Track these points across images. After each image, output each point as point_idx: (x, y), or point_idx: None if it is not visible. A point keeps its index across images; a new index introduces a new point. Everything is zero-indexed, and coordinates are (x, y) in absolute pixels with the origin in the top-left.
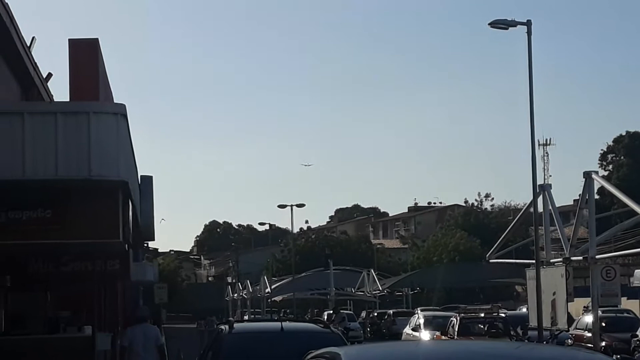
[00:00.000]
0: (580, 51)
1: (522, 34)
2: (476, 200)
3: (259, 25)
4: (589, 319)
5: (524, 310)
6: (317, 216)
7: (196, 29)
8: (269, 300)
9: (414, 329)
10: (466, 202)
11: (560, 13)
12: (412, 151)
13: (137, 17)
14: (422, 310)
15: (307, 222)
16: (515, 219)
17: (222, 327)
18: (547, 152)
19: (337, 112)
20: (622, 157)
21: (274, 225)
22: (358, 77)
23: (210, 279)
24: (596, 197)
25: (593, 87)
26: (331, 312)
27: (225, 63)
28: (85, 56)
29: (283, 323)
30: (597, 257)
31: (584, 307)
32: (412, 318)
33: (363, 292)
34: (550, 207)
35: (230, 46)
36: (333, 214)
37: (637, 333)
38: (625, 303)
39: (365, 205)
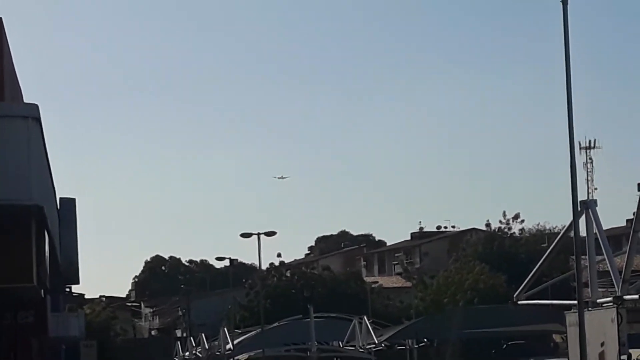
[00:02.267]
0: (630, 33)
1: (556, 9)
2: (501, 222)
3: (217, 11)
4: None
5: None
6: (293, 247)
7: (144, 14)
8: None
9: None
10: (488, 225)
11: None
12: (416, 162)
13: None
14: None
15: (279, 255)
16: (551, 247)
17: None
18: (590, 158)
19: (318, 113)
20: None
21: (236, 260)
22: (346, 66)
23: (153, 332)
24: None
25: None
26: None
27: (173, 56)
28: None
29: None
30: None
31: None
32: None
33: (354, 346)
34: (596, 230)
35: (180, 36)
36: (313, 244)
37: None
38: None
39: (355, 232)
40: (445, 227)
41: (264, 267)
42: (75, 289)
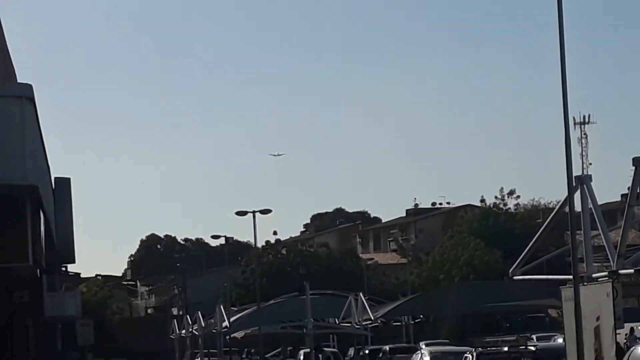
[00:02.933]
0: (625, 9)
1: None
2: (496, 198)
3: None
4: None
5: (560, 341)
6: (288, 225)
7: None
8: (228, 337)
9: None
10: (483, 201)
11: None
12: (411, 137)
13: None
14: (427, 345)
15: (275, 233)
16: (546, 222)
17: None
18: (585, 133)
19: (312, 88)
20: None
21: (232, 238)
22: (341, 38)
23: (149, 311)
24: None
25: None
26: (308, 350)
27: (167, 34)
28: None
29: None
30: None
31: (626, 334)
32: (414, 355)
33: (350, 323)
34: (591, 206)
35: (174, 14)
36: (309, 221)
37: None
38: None
39: (350, 209)
40: (440, 204)
41: (259, 244)
42: (71, 268)
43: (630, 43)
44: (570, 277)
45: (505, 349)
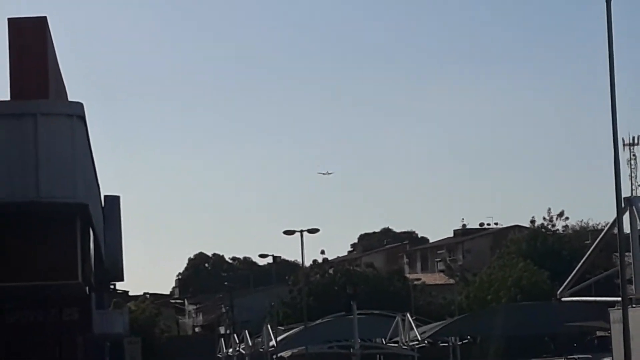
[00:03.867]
0: None
1: (599, 5)
2: (545, 219)
3: (266, 20)
4: None
5: None
6: (336, 245)
7: (187, 15)
8: (275, 357)
9: None
10: (532, 222)
11: None
12: (459, 159)
13: None
14: None
15: (322, 252)
16: (595, 244)
17: None
18: (634, 155)
19: (361, 111)
20: None
21: (279, 257)
22: (388, 62)
23: (197, 329)
24: None
25: None
26: None
27: (219, 58)
28: (30, 40)
29: None
30: None
31: None
32: None
33: (397, 343)
34: None
35: (227, 41)
36: (356, 241)
37: None
38: None
39: (398, 229)
40: (489, 224)
41: (307, 264)
42: (120, 286)
43: None
44: (619, 299)
45: None
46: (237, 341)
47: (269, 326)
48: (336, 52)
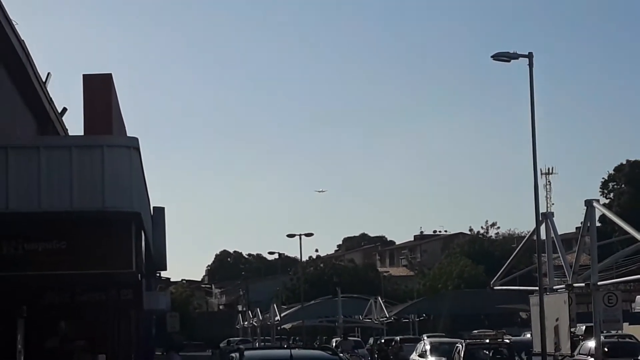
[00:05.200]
0: (581, 82)
1: (524, 66)
2: (482, 228)
3: (270, 60)
4: (591, 344)
5: (528, 336)
6: (326, 245)
7: (209, 62)
8: (279, 328)
9: (420, 355)
10: (471, 230)
11: (560, 47)
12: (418, 181)
13: (149, 50)
14: (428, 337)
15: (316, 250)
16: (519, 247)
17: (233, 354)
18: (549, 181)
19: (345, 145)
20: (622, 186)
21: (283, 254)
22: (365, 110)
23: (221, 307)
24: (598, 224)
25: (594, 117)
26: (339, 338)
27: (237, 95)
28: (99, 91)
29: (292, 350)
30: (599, 283)
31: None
32: (418, 345)
33: (370, 319)
34: (553, 235)
35: (241, 80)
36: (341, 242)
37: (639, 358)
38: (627, 328)
39: (372, 234)
40: (440, 231)
41: (304, 259)
42: (164, 274)
43: (586, 113)
44: (537, 288)
45: (487, 341)
46: (251, 316)
47: (275, 305)
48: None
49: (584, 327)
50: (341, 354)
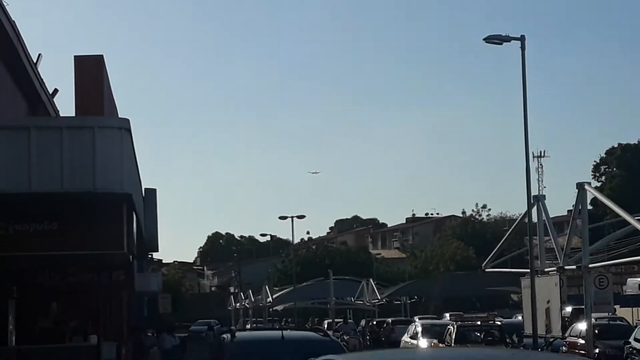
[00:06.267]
0: (573, 66)
1: (516, 49)
2: (473, 211)
3: (264, 40)
4: (582, 326)
5: (519, 318)
6: (318, 227)
7: (200, 45)
8: (271, 310)
9: (412, 337)
10: (463, 213)
11: (552, 29)
12: (410, 164)
13: (141, 32)
14: (419, 319)
15: (308, 232)
16: (511, 229)
17: (224, 335)
18: (541, 164)
19: (340, 128)
20: (614, 169)
21: (275, 236)
22: (358, 93)
23: (213, 288)
24: (589, 207)
25: (585, 101)
26: (331, 320)
27: (228, 77)
28: (90, 72)
29: (284, 332)
30: (590, 266)
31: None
32: (410, 326)
33: (362, 301)
34: (545, 218)
35: (233, 60)
36: (333, 225)
37: (630, 340)
38: (618, 311)
39: (364, 216)
40: (432, 214)
41: (296, 241)
42: (155, 255)
43: (579, 96)
44: (528, 270)
45: (478, 323)
46: (243, 298)
47: (267, 287)
48: (317, 79)
49: (570, 309)
50: (345, 337)
